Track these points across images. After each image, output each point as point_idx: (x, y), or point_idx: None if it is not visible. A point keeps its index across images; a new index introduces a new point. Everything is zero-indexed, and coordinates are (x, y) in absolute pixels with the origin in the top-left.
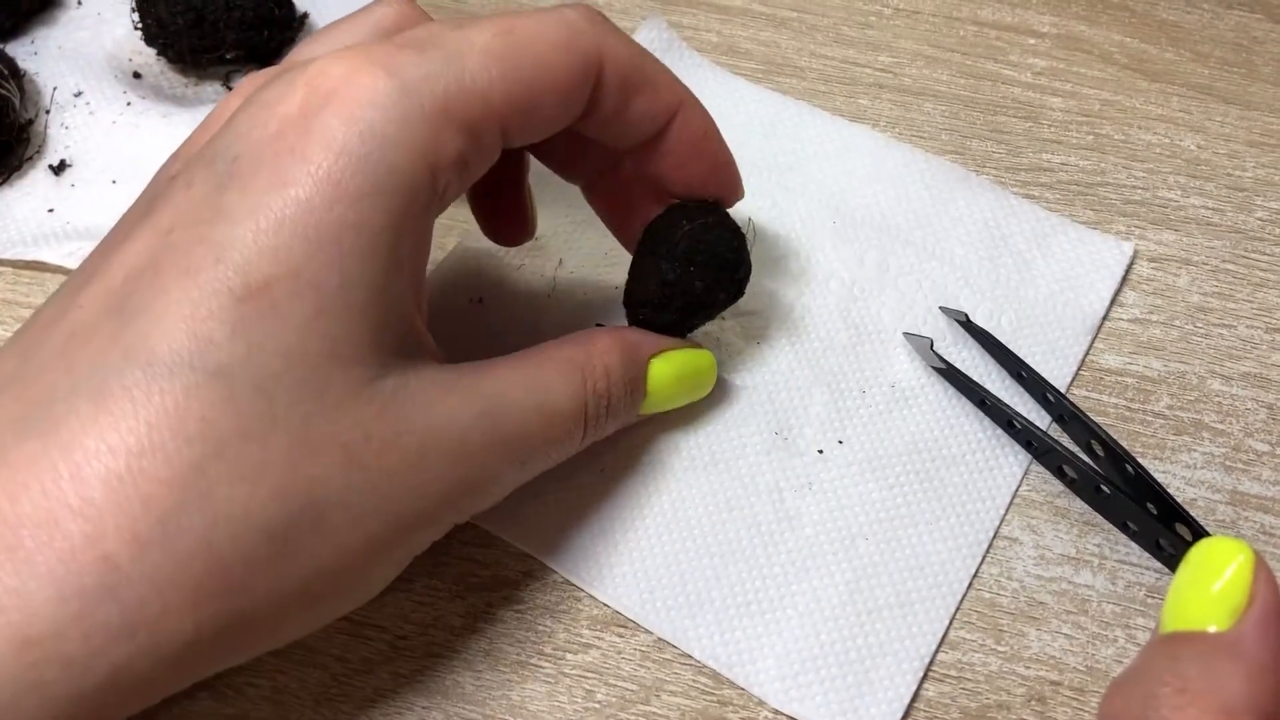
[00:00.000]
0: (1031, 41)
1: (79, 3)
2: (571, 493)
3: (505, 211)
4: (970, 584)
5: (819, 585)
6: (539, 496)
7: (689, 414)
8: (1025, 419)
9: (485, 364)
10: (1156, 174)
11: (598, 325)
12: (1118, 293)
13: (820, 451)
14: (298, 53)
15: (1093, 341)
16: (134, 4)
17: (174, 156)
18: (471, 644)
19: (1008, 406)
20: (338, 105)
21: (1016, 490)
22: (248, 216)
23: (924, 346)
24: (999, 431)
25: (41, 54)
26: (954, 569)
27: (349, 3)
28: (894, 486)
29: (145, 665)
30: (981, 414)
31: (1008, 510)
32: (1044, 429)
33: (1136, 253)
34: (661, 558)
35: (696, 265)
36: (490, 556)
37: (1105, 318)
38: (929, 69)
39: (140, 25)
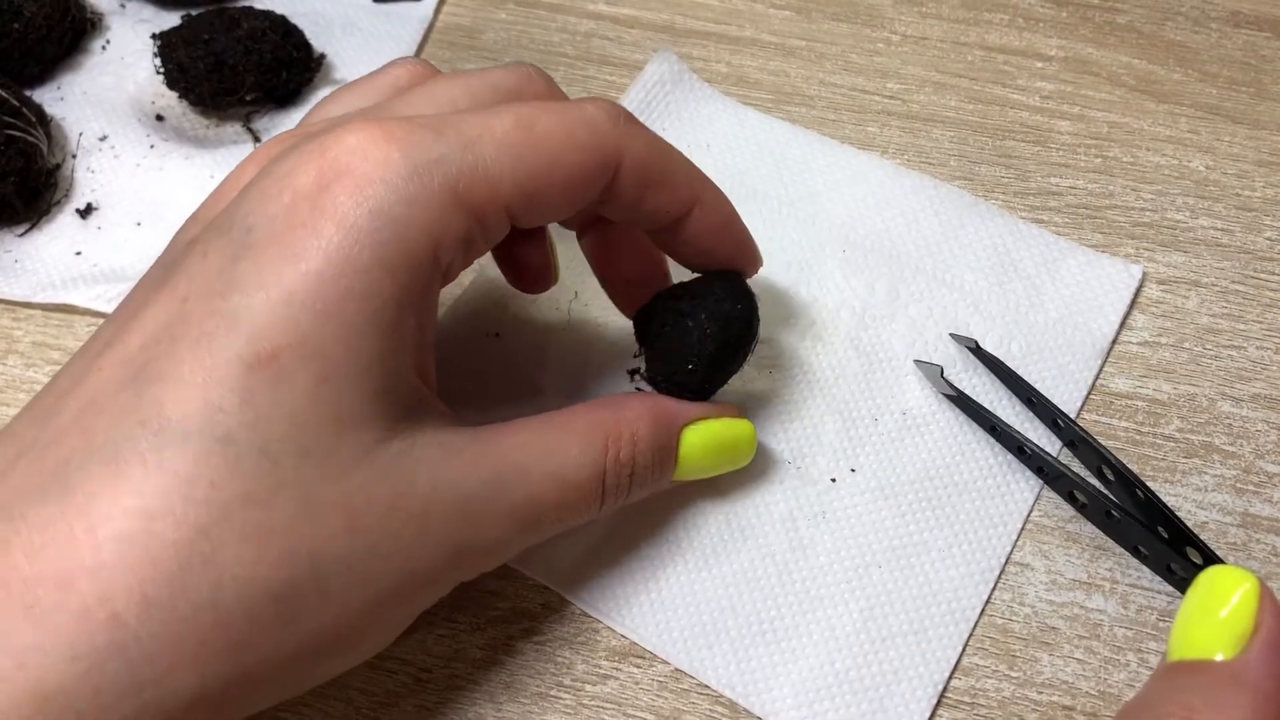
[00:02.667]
0: (1039, 65)
1: (103, 48)
2: (585, 524)
3: (527, 263)
4: (983, 610)
5: (833, 613)
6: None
7: None
8: (1036, 445)
9: (502, 426)
10: (1165, 195)
11: (636, 389)
12: (1127, 315)
13: (833, 480)
14: (316, 113)
15: (1103, 365)
16: (156, 49)
17: (192, 219)
18: (492, 676)
19: (1018, 433)
20: (349, 181)
21: (1028, 516)
22: (259, 288)
23: (935, 374)
24: (1009, 458)
25: (68, 99)
26: (966, 595)
27: (365, 45)
28: (906, 514)
29: None
30: (992, 440)
31: (1019, 536)
32: (1054, 454)
33: (1145, 275)
34: (677, 588)
35: (724, 344)
36: (509, 589)
37: (1115, 340)
38: (937, 95)
39: (162, 70)
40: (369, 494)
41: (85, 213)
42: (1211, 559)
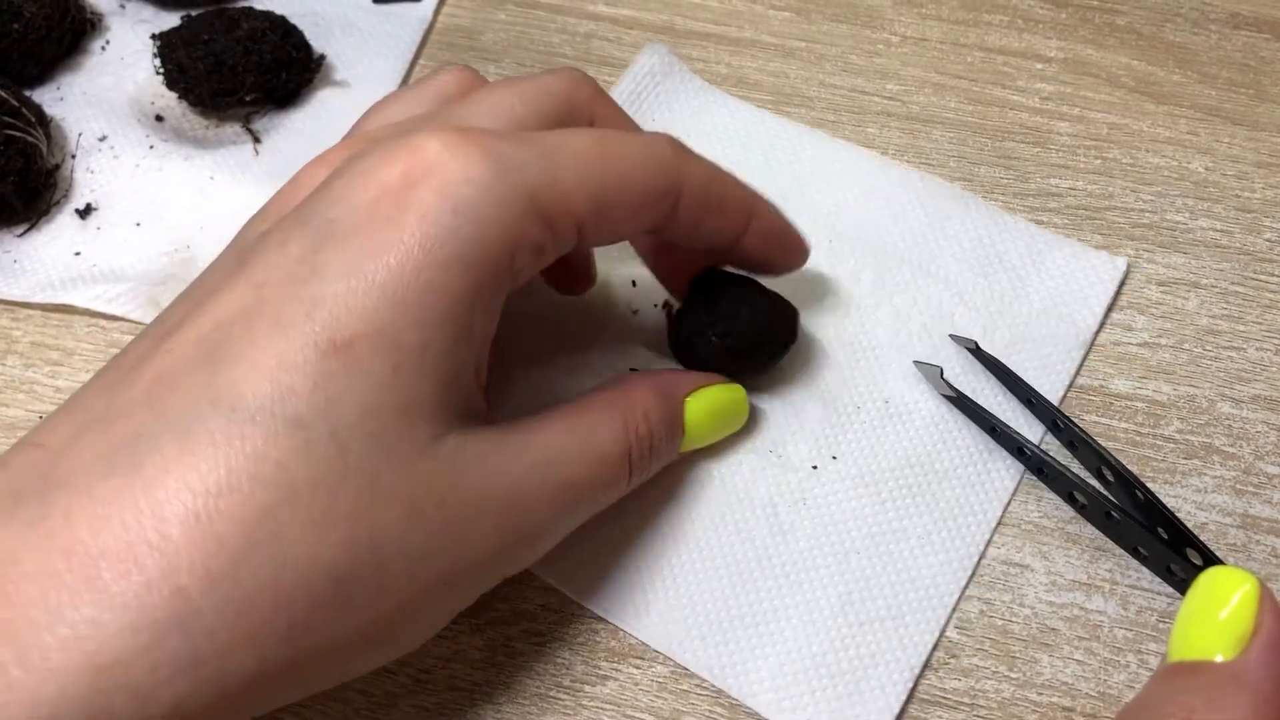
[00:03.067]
0: (1039, 66)
1: (103, 49)
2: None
3: (569, 270)
4: (960, 596)
5: (812, 598)
6: None
7: None
8: (1035, 446)
9: (537, 418)
10: (1164, 197)
11: (631, 370)
12: (1110, 307)
13: (814, 467)
14: (368, 120)
15: (1085, 356)
16: (155, 50)
17: (260, 215)
18: (492, 677)
19: (1018, 433)
20: (435, 179)
21: (1008, 504)
22: (340, 277)
23: (934, 375)
24: (990, 446)
25: (67, 99)
26: (944, 582)
27: (365, 46)
28: (886, 501)
29: (207, 698)
30: (973, 428)
31: (998, 526)
32: (1054, 455)
33: (1142, 275)
34: (656, 570)
35: (756, 350)
36: (509, 590)
37: (1098, 332)
38: (937, 96)
39: (162, 70)
40: (430, 484)
41: (84, 213)
42: (1211, 560)
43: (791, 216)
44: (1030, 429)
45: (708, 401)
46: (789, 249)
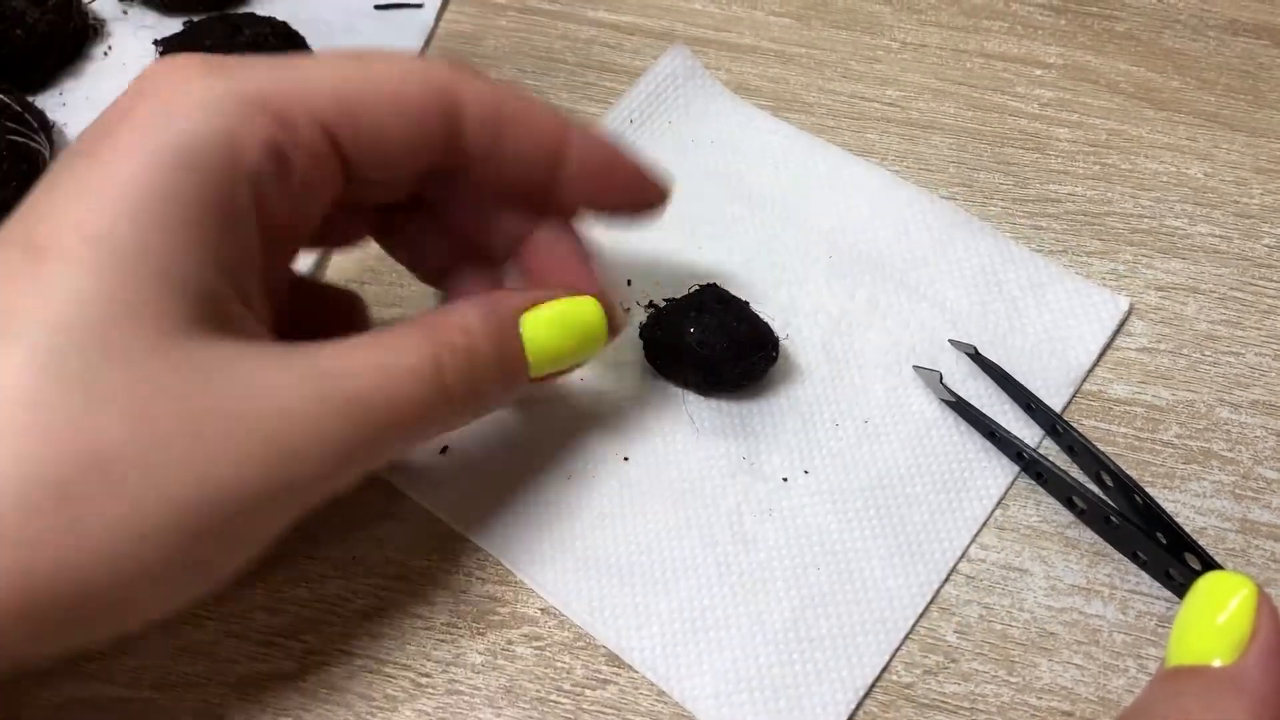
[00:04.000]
0: (1038, 73)
1: (105, 54)
2: (530, 494)
3: (416, 240)
4: (916, 623)
5: (764, 609)
6: (502, 499)
7: (661, 430)
8: (1034, 450)
9: (326, 343)
10: (1163, 202)
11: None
12: (1107, 347)
13: (785, 479)
14: None
15: (1074, 395)
16: (158, 55)
17: None
18: (492, 681)
19: (1017, 438)
20: (153, 96)
21: (976, 535)
22: (57, 188)
23: (934, 380)
24: (965, 474)
25: (70, 105)
26: (901, 607)
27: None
28: (853, 520)
29: None
30: (949, 456)
31: (962, 555)
32: (1053, 460)
33: (1132, 276)
34: (615, 566)
35: (727, 361)
36: (509, 594)
37: (1089, 373)
38: (936, 102)
39: None
40: (158, 385)
41: None
42: (1210, 565)
43: (794, 227)
44: (1030, 434)
45: (550, 318)
46: (632, 184)
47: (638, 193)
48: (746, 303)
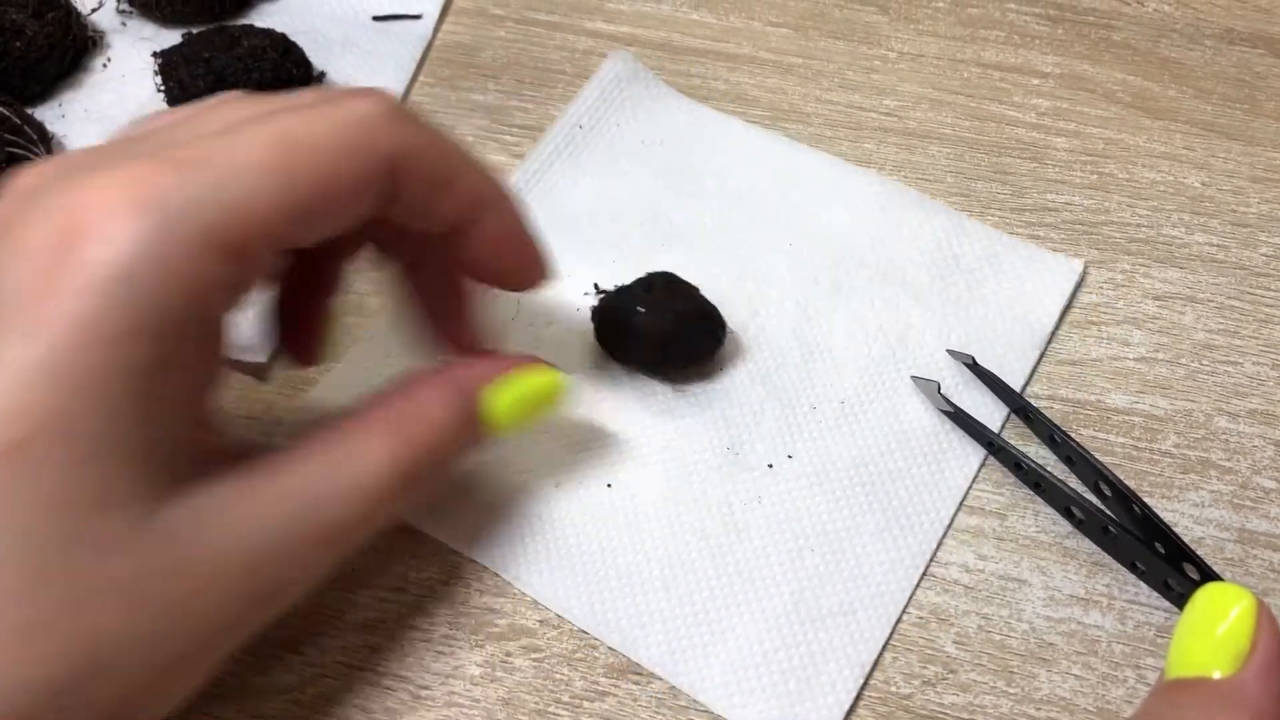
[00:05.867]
0: (1035, 82)
1: (104, 66)
2: (519, 505)
3: (302, 323)
4: (913, 592)
5: (764, 595)
6: (492, 511)
7: (644, 430)
8: (1032, 460)
9: (295, 452)
10: (1160, 212)
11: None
12: (1067, 308)
13: (770, 466)
14: (120, 133)
15: (1041, 357)
16: (156, 67)
17: None
18: (491, 693)
19: (1015, 448)
20: (94, 241)
21: (961, 502)
22: (6, 367)
23: (931, 390)
24: (944, 446)
25: (69, 117)
26: (896, 579)
27: (364, 63)
28: (840, 499)
29: None
30: (926, 428)
31: (950, 524)
32: (1051, 470)
33: (1129, 286)
34: (613, 568)
35: (676, 337)
36: (508, 606)
37: (1054, 333)
38: (933, 112)
39: (163, 87)
40: (147, 567)
41: None
42: (1209, 575)
43: (754, 220)
44: (1027, 444)
45: (513, 395)
46: (525, 261)
47: (528, 274)
48: (697, 288)
